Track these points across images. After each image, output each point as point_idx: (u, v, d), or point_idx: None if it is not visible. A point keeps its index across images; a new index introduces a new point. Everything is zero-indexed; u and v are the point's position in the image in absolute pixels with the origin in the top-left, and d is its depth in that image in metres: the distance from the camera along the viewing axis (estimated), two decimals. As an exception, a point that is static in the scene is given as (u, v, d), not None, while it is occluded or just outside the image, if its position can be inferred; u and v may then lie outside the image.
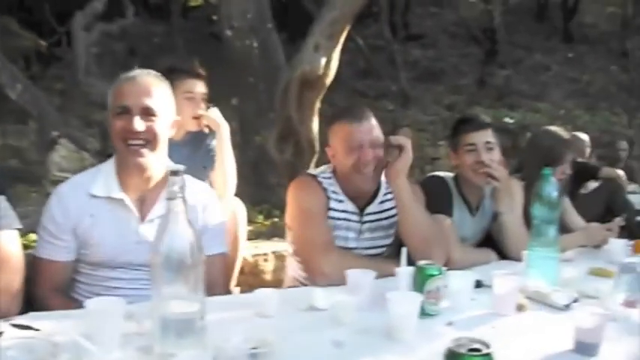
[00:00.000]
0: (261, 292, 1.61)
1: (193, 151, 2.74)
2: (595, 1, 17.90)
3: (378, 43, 12.58)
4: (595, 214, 4.31)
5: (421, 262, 1.60)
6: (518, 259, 2.10)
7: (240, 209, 2.75)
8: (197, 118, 2.66)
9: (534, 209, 1.91)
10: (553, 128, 2.98)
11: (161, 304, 1.27)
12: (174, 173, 1.27)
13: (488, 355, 0.92)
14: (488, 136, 2.42)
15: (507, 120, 9.64)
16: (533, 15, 16.79)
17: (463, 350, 0.92)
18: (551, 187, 1.89)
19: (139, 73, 1.84)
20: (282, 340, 1.28)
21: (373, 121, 2.14)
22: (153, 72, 1.88)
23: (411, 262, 1.71)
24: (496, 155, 2.42)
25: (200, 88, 2.71)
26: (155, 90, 1.81)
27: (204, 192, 2.01)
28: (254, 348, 1.20)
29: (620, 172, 5.10)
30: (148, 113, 1.77)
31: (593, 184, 5.35)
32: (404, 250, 1.52)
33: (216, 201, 2.04)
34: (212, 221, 1.95)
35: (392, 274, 1.74)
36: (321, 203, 2.14)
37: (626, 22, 15.67)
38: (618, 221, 2.74)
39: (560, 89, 12.87)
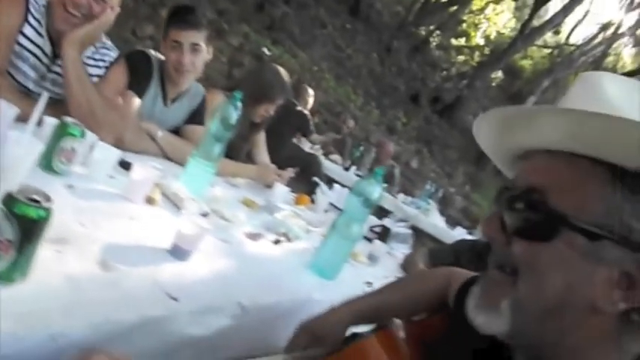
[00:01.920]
0: None
1: None
2: (393, -6, 19.20)
3: None
4: (293, 163, 4.62)
5: (68, 119, 1.49)
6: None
7: None
8: None
9: (212, 123, 1.91)
10: (281, 70, 3.06)
11: None
12: None
13: (46, 209, 0.87)
14: (198, 38, 2.35)
15: (265, 50, 9.82)
16: (336, -27, 17.32)
17: (22, 197, 0.86)
18: (235, 110, 1.90)
19: None
20: None
21: None
22: None
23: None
24: (200, 59, 2.38)
25: None
26: None
27: None
28: None
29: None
30: None
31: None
32: (44, 95, 1.38)
33: None
34: None
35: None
36: (13, 22, 1.87)
37: (402, 25, 17.11)
38: (290, 171, 2.94)
39: (324, 49, 13.54)
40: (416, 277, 1.80)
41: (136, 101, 2.23)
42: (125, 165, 1.77)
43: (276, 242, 1.97)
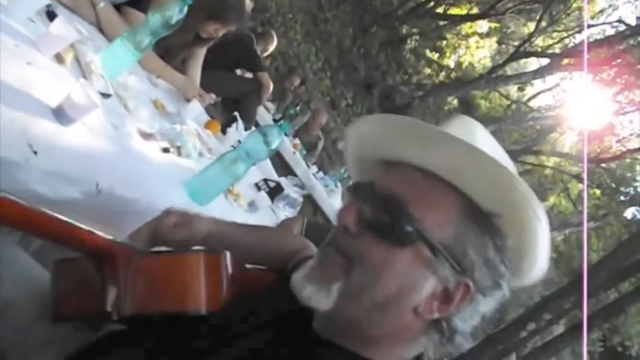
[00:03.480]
0: None
1: None
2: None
3: None
4: (228, 91, 4.59)
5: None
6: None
7: None
8: None
9: (153, 14, 1.87)
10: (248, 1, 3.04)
11: None
12: None
13: None
14: None
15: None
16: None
17: None
18: (179, 13, 1.87)
19: None
20: None
21: None
22: None
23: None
24: None
25: None
26: None
27: None
28: None
29: (269, 86, 5.49)
30: None
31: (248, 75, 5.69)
32: None
33: None
34: None
35: None
36: None
37: (389, 15, 17.16)
38: (212, 97, 2.94)
39: (306, 3, 13.33)
40: (279, 233, 1.86)
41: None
42: (51, 15, 1.72)
43: (165, 150, 1.96)
